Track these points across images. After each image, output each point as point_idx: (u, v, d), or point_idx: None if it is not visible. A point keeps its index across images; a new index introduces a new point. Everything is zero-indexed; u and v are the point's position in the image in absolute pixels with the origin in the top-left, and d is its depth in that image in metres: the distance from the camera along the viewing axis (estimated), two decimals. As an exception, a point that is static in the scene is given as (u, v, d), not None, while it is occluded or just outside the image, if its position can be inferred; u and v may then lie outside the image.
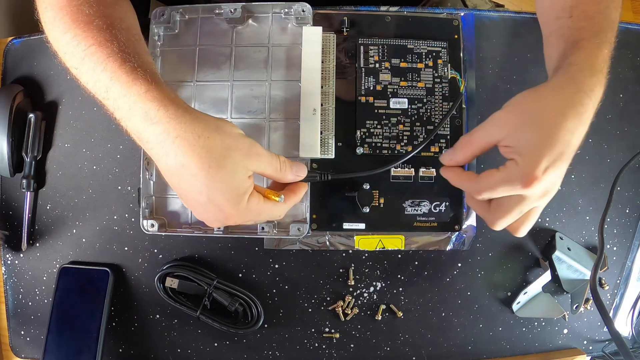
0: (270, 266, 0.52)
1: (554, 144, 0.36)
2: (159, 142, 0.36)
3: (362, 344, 0.53)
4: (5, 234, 0.54)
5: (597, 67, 0.39)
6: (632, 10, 1.37)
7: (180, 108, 0.36)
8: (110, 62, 0.37)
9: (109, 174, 0.53)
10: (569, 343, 0.55)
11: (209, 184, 0.36)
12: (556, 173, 0.37)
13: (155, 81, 0.37)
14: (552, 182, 0.37)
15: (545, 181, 0.36)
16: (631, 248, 0.56)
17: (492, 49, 0.54)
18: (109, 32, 0.38)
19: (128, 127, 0.37)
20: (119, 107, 0.37)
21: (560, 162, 0.36)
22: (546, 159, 0.36)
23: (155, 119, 0.36)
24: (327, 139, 0.49)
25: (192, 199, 0.38)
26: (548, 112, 0.37)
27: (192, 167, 0.36)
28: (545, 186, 0.37)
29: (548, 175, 0.36)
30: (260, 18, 0.51)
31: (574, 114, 0.36)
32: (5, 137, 0.51)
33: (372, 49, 0.51)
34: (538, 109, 0.37)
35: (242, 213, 0.38)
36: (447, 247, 0.52)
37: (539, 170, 0.36)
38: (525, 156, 0.36)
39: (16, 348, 0.54)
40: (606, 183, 0.54)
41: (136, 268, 0.53)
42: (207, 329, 0.52)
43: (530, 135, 0.37)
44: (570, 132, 0.36)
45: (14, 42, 0.55)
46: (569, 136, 0.36)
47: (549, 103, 0.37)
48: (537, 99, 0.38)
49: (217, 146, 0.36)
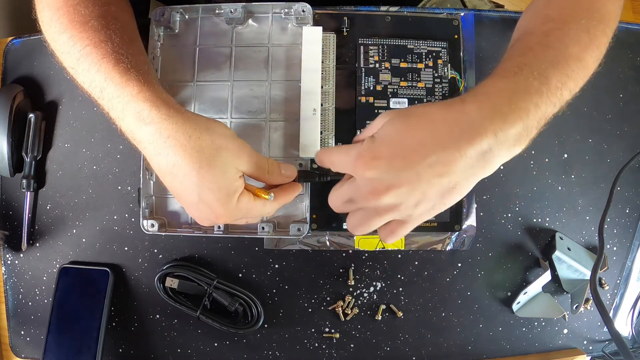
0: (270, 266, 0.52)
1: (405, 150, 0.33)
2: (151, 142, 0.37)
3: (362, 344, 0.53)
4: (5, 234, 0.54)
5: (502, 109, 0.33)
6: (632, 10, 1.36)
7: (172, 108, 0.37)
8: (105, 63, 0.37)
9: (109, 174, 0.53)
10: (569, 343, 0.55)
11: (199, 183, 0.37)
12: (402, 189, 0.33)
13: (148, 82, 0.38)
14: (395, 193, 0.34)
15: (380, 181, 0.33)
16: (631, 248, 0.56)
17: (492, 49, 0.54)
18: (104, 32, 0.39)
19: (122, 127, 0.38)
20: (113, 107, 0.38)
21: (411, 181, 0.33)
22: (387, 152, 0.33)
23: (148, 119, 0.36)
24: (327, 139, 0.49)
25: (184, 197, 0.39)
26: (424, 122, 0.34)
27: (184, 167, 0.36)
28: (375, 187, 0.34)
29: (380, 170, 0.33)
30: (260, 18, 0.51)
31: (443, 149, 0.32)
32: (5, 137, 0.51)
33: (372, 49, 0.51)
34: (419, 114, 0.35)
35: (232, 212, 0.39)
36: (447, 247, 0.52)
37: (373, 154, 0.33)
38: (372, 138, 0.35)
39: (16, 348, 0.54)
40: (606, 183, 0.54)
41: (136, 268, 0.53)
42: (207, 329, 0.52)
43: (391, 127, 0.35)
44: (430, 164, 0.32)
45: (14, 42, 0.55)
46: (425, 163, 0.32)
47: (432, 117, 0.34)
48: (428, 107, 0.35)
49: (207, 146, 0.36)
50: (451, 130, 0.33)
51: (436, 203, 0.35)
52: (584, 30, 0.38)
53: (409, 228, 0.37)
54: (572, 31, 0.38)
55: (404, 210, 0.35)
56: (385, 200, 0.34)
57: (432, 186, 0.33)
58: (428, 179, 0.33)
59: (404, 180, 0.33)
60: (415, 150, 0.33)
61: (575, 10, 0.39)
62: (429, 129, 0.33)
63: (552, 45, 0.37)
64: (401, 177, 0.33)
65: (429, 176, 0.33)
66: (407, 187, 0.33)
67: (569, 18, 0.38)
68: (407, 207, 0.35)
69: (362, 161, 0.34)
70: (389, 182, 0.33)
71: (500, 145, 0.33)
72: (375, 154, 0.34)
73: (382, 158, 0.33)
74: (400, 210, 0.35)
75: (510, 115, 0.33)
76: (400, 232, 0.38)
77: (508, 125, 0.33)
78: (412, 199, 0.34)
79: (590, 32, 0.38)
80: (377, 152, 0.34)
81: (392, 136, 0.34)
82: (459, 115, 0.33)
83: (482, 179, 0.35)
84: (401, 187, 0.33)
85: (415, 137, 0.33)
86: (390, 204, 0.35)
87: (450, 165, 0.33)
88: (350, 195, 0.37)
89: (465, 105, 0.34)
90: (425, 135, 0.33)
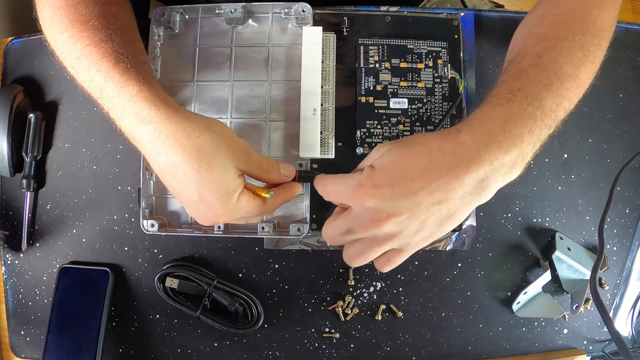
0: (270, 266, 0.52)
1: (404, 178, 0.33)
2: (150, 141, 0.37)
3: (362, 344, 0.53)
4: (5, 234, 0.54)
5: (496, 137, 0.33)
6: (632, 11, 1.36)
7: (171, 108, 0.37)
8: (105, 63, 0.38)
9: (109, 174, 0.53)
10: (569, 343, 0.55)
11: (199, 182, 0.37)
12: (403, 217, 0.33)
13: (147, 81, 0.38)
14: (396, 222, 0.34)
15: (380, 210, 0.33)
16: (631, 248, 0.56)
17: (492, 49, 0.54)
18: (104, 32, 0.39)
19: (122, 126, 0.38)
20: (112, 106, 0.38)
21: (412, 209, 0.33)
22: (386, 181, 0.33)
23: (147, 118, 0.36)
24: (327, 139, 0.49)
25: (183, 197, 0.39)
26: (420, 151, 0.34)
27: (183, 166, 0.36)
28: (376, 215, 0.34)
29: (380, 199, 0.33)
30: (260, 18, 0.51)
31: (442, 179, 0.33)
32: (5, 137, 0.51)
33: (372, 49, 0.51)
34: (416, 143, 0.35)
35: (232, 211, 0.39)
36: (447, 247, 0.52)
37: (373, 183, 0.34)
38: (371, 168, 0.35)
39: (16, 348, 0.54)
40: (606, 183, 0.54)
41: (136, 268, 0.53)
42: (207, 329, 0.52)
43: (389, 156, 0.35)
44: (430, 192, 0.33)
45: (14, 42, 0.55)
46: (426, 191, 0.33)
47: (429, 147, 0.34)
48: (424, 137, 0.35)
49: (207, 145, 0.36)
50: (449, 160, 0.33)
51: (434, 231, 0.35)
52: (578, 47, 0.38)
53: (406, 256, 0.38)
54: (566, 49, 0.37)
55: (403, 238, 0.35)
56: (386, 228, 0.34)
57: (431, 214, 0.34)
58: (428, 207, 0.33)
59: (405, 209, 0.33)
60: (415, 179, 0.33)
61: (569, 27, 0.39)
62: (427, 158, 0.34)
63: (545, 66, 0.37)
64: (402, 205, 0.33)
65: (428, 204, 0.33)
66: (408, 214, 0.34)
67: (562, 35, 0.38)
68: (406, 236, 0.35)
69: (363, 190, 0.34)
70: (389, 210, 0.34)
71: (496, 173, 0.33)
72: (375, 182, 0.34)
73: (382, 187, 0.34)
74: (399, 239, 0.35)
75: (505, 143, 0.33)
76: (397, 260, 0.38)
77: (503, 153, 0.33)
78: (413, 227, 0.34)
79: (584, 48, 0.38)
80: (378, 181, 0.34)
81: (391, 165, 0.35)
82: (454, 144, 0.34)
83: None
84: (402, 215, 0.34)
85: (415, 165, 0.34)
86: (390, 233, 0.35)
87: (449, 192, 0.33)
88: (349, 226, 0.36)
89: (460, 135, 0.34)
90: (424, 164, 0.34)
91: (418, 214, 0.34)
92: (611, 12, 0.40)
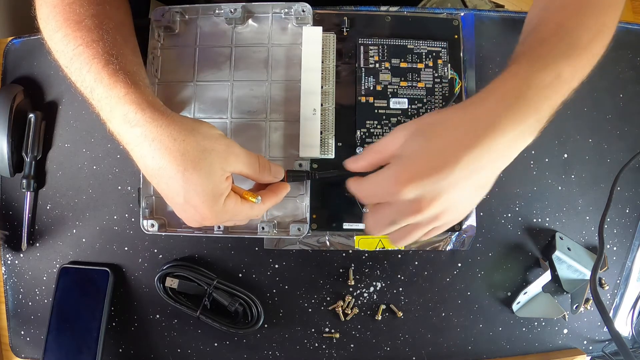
0: (270, 266, 0.52)
1: (437, 160, 0.34)
2: (137, 144, 0.37)
3: (362, 344, 0.53)
4: (5, 234, 0.54)
5: (517, 104, 0.35)
6: (632, 10, 1.37)
7: (157, 111, 0.37)
8: (95, 64, 0.38)
9: (109, 174, 0.53)
10: (569, 343, 0.55)
11: (185, 186, 0.37)
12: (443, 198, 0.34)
13: (135, 84, 0.38)
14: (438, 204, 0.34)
15: (421, 197, 0.34)
16: (631, 248, 0.56)
17: (492, 49, 0.54)
18: (97, 32, 0.39)
19: (110, 128, 0.38)
20: (102, 108, 0.38)
21: (449, 188, 0.34)
22: (422, 168, 0.34)
23: (134, 121, 0.36)
24: (327, 139, 0.49)
25: (170, 199, 0.39)
26: (443, 129, 0.35)
27: (169, 170, 0.36)
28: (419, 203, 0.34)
29: (421, 188, 0.34)
30: (260, 18, 0.51)
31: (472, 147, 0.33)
32: (5, 137, 0.51)
33: (372, 49, 0.51)
34: (436, 122, 0.36)
35: (218, 214, 0.39)
36: (447, 247, 0.52)
37: (409, 175, 0.34)
38: (400, 158, 0.35)
39: (16, 348, 0.54)
40: (606, 183, 0.54)
41: (136, 268, 0.53)
42: (207, 329, 0.52)
43: (415, 143, 0.35)
44: (462, 167, 0.33)
45: (14, 42, 0.55)
46: (458, 167, 0.33)
47: (450, 123, 0.35)
48: (442, 114, 0.36)
49: (192, 149, 0.36)
50: (473, 130, 0.34)
51: (470, 201, 0.37)
52: (597, 17, 0.39)
53: (444, 229, 0.40)
54: (586, 17, 0.38)
55: (446, 215, 0.36)
56: (430, 213, 0.35)
57: (468, 186, 0.35)
58: (464, 181, 0.34)
59: (443, 190, 0.34)
60: (447, 159, 0.34)
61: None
62: (452, 135, 0.34)
63: (565, 36, 0.38)
64: (439, 188, 0.34)
65: (464, 178, 0.34)
66: (447, 194, 0.34)
67: (582, 4, 0.39)
68: (449, 213, 0.36)
69: (401, 185, 0.34)
70: (429, 196, 0.34)
71: (517, 137, 0.35)
72: (410, 175, 0.34)
73: (418, 177, 0.34)
74: (443, 217, 0.36)
75: (524, 109, 0.35)
76: (437, 232, 0.40)
77: (523, 118, 0.34)
78: (453, 203, 0.36)
79: (599, 20, 0.39)
80: (412, 172, 0.34)
81: (420, 151, 0.35)
82: (475, 115, 0.35)
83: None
84: (442, 197, 0.34)
85: (443, 145, 0.34)
86: (434, 215, 0.36)
87: (480, 161, 0.34)
88: (393, 218, 0.37)
89: (481, 105, 0.35)
90: (450, 141, 0.34)
91: (456, 190, 0.35)
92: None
